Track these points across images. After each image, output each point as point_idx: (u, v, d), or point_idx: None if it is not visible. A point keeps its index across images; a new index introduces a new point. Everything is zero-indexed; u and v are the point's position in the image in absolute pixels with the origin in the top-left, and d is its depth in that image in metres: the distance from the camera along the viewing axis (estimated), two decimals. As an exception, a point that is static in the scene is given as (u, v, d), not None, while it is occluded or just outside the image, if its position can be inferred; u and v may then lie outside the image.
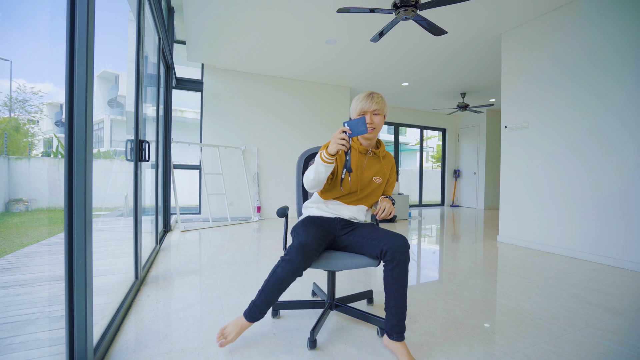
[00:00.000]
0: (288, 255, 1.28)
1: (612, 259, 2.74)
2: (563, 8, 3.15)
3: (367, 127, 1.30)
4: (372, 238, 1.36)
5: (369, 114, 1.45)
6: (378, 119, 1.46)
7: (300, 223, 1.49)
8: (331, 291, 1.62)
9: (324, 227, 1.47)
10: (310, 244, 1.30)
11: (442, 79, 5.59)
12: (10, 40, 1.37)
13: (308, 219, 1.52)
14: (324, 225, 1.49)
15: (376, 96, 1.45)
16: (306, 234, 1.35)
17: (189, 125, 6.05)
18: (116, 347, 1.36)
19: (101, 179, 2.42)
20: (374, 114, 1.45)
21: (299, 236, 1.35)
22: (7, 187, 1.55)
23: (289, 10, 3.35)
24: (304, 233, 1.36)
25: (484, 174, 7.61)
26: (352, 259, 1.39)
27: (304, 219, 1.53)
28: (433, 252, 3.31)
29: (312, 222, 1.47)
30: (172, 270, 2.48)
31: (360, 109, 1.46)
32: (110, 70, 4.38)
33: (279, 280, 1.28)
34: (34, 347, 1.29)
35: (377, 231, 1.39)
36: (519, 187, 3.58)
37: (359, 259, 1.38)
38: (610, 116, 2.79)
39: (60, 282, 1.10)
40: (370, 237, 1.38)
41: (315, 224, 1.46)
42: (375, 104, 1.44)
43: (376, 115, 1.45)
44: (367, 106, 1.44)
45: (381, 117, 1.47)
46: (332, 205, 1.55)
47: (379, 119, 1.46)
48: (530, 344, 1.43)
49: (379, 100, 1.45)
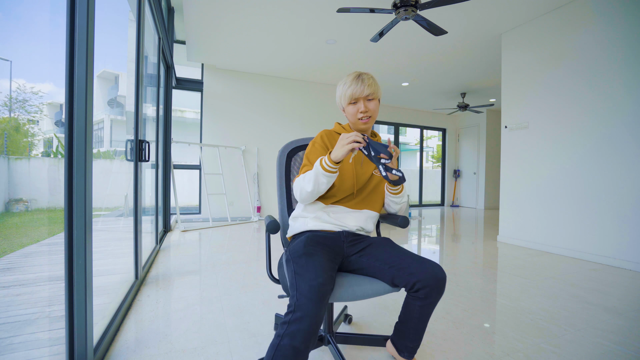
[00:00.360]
0: (298, 311, 0.82)
1: (612, 259, 2.74)
2: (563, 8, 3.15)
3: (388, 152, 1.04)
4: (396, 266, 1.04)
5: (361, 101, 1.20)
6: (373, 105, 1.21)
7: (301, 248, 1.05)
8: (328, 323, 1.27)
9: (330, 247, 1.12)
10: (326, 282, 0.89)
11: (442, 79, 5.59)
12: (10, 40, 1.37)
13: (309, 239, 1.12)
14: (330, 244, 1.14)
15: (366, 77, 1.20)
16: (316, 268, 0.93)
17: (189, 125, 6.05)
18: (116, 347, 1.36)
19: (101, 179, 2.42)
20: (368, 99, 1.21)
21: (306, 273, 0.91)
22: (7, 187, 1.54)
23: (289, 10, 3.35)
24: (312, 267, 0.93)
25: (484, 174, 7.61)
26: (371, 285, 1.06)
27: (304, 241, 1.10)
28: (433, 252, 3.31)
29: (316, 244, 1.09)
30: (172, 270, 2.48)
31: (350, 96, 1.20)
32: (110, 70, 4.38)
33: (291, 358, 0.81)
34: (34, 347, 1.28)
35: (401, 256, 1.07)
36: (519, 187, 3.58)
37: (378, 285, 1.06)
38: (610, 116, 2.79)
39: (60, 282, 1.10)
40: (393, 264, 1.05)
41: (320, 246, 1.09)
42: (367, 87, 1.18)
43: (370, 100, 1.21)
44: (359, 91, 1.18)
45: (376, 102, 1.22)
46: (334, 214, 1.21)
47: (374, 105, 1.22)
48: (531, 344, 1.43)
49: (371, 82, 1.20)
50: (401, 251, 1.11)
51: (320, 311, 0.84)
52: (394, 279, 1.04)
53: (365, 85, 1.19)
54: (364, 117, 1.22)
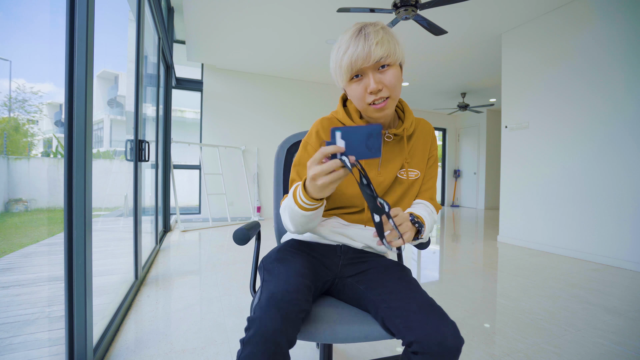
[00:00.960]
0: (251, 328, 0.62)
1: (613, 259, 2.74)
2: (563, 8, 3.14)
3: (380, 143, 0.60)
4: (393, 308, 0.71)
5: (369, 72, 0.75)
6: (391, 76, 0.75)
7: (274, 254, 0.87)
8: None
9: (317, 259, 0.88)
10: (293, 290, 0.68)
11: (442, 79, 5.59)
12: (10, 40, 1.37)
13: (289, 245, 0.92)
14: (317, 255, 0.88)
15: (373, 30, 0.74)
16: (286, 273, 0.74)
17: (188, 125, 6.05)
18: (116, 347, 1.36)
19: (101, 179, 2.42)
20: (380, 67, 0.75)
21: (272, 280, 0.73)
22: (6, 187, 1.54)
23: (289, 10, 3.35)
24: (280, 273, 0.75)
25: (484, 174, 7.61)
26: (361, 326, 0.74)
27: (281, 247, 0.92)
28: (433, 252, 3.31)
29: (297, 251, 0.88)
30: (172, 270, 2.48)
31: (348, 67, 0.75)
32: (110, 70, 4.38)
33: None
34: (34, 347, 1.28)
35: (404, 296, 0.73)
36: (519, 187, 3.58)
37: (371, 327, 0.74)
38: (610, 116, 2.79)
39: (59, 282, 1.10)
40: (391, 304, 0.72)
41: (301, 253, 0.86)
42: (377, 46, 0.72)
43: (384, 69, 0.75)
44: (363, 55, 0.73)
45: (395, 71, 0.76)
46: (334, 227, 0.88)
47: (392, 76, 0.75)
48: (531, 344, 1.43)
49: (382, 38, 0.73)
50: (408, 288, 0.75)
51: (277, 325, 0.61)
52: (385, 322, 0.71)
53: (372, 44, 0.72)
54: (379, 101, 0.76)
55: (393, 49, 0.74)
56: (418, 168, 0.88)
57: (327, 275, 0.86)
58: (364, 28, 0.75)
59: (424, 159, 0.90)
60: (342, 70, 0.77)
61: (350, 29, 0.77)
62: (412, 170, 0.88)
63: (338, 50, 0.77)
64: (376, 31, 0.74)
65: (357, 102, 0.80)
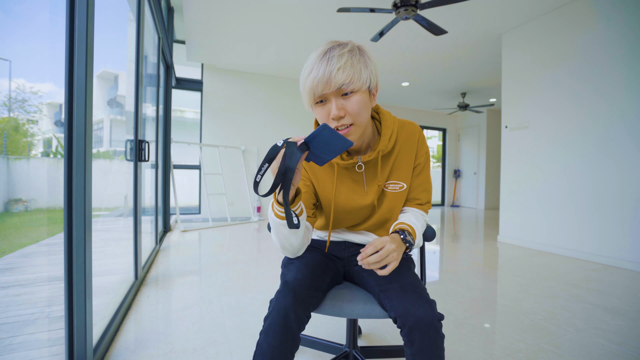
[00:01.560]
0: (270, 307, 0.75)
1: (613, 259, 2.74)
2: (563, 8, 3.14)
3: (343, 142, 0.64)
4: (384, 291, 0.83)
5: (331, 98, 0.73)
6: (354, 103, 0.73)
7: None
8: (351, 337, 1.16)
9: (327, 253, 1.00)
10: (303, 279, 0.81)
11: (442, 79, 5.58)
12: (10, 40, 1.37)
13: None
14: (326, 252, 1.01)
15: (339, 53, 0.71)
16: (298, 266, 0.88)
17: (188, 125, 6.04)
18: (116, 347, 1.36)
19: (101, 179, 2.41)
20: (342, 94, 0.72)
21: (287, 272, 0.88)
22: (6, 187, 1.54)
23: (289, 10, 3.35)
24: (294, 267, 0.88)
25: (484, 174, 7.61)
26: (364, 305, 0.90)
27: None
28: (433, 252, 3.30)
29: (308, 250, 0.98)
30: (172, 270, 2.48)
31: (310, 91, 0.73)
32: (109, 70, 4.37)
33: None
34: (34, 347, 1.28)
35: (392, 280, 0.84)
36: (519, 187, 3.58)
37: (372, 307, 0.89)
38: (611, 116, 2.79)
39: (59, 283, 1.10)
40: (382, 287, 0.84)
41: (311, 250, 0.99)
42: (339, 71, 0.69)
43: (347, 95, 0.73)
44: (324, 80, 0.70)
45: (360, 97, 0.73)
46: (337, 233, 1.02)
47: (356, 102, 0.73)
48: (531, 344, 1.43)
49: (346, 62, 0.70)
50: (399, 274, 0.85)
51: (289, 302, 0.73)
52: (381, 302, 0.84)
53: (333, 69, 0.69)
54: (342, 128, 0.75)
55: (357, 74, 0.72)
56: (403, 180, 0.90)
57: (339, 264, 1.00)
58: (330, 50, 0.73)
59: (409, 169, 0.90)
60: (305, 93, 0.76)
61: (319, 47, 0.77)
62: (395, 184, 0.89)
63: (303, 72, 0.76)
64: (340, 55, 0.71)
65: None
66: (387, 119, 0.87)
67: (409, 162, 0.89)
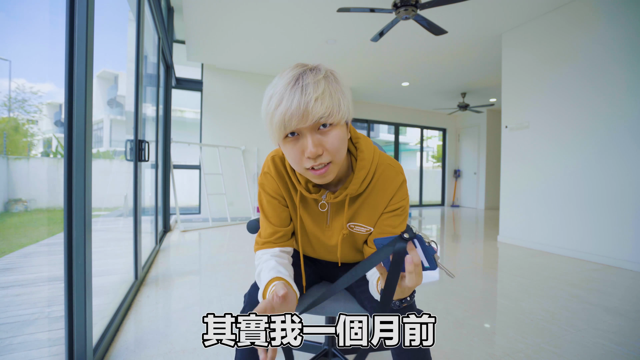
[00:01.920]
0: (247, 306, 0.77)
1: (613, 259, 2.74)
2: (563, 8, 3.14)
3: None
4: (365, 290, 0.82)
5: (306, 134, 0.61)
6: (333, 138, 0.62)
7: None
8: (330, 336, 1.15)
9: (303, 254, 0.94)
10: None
11: (442, 79, 5.58)
12: (10, 40, 1.37)
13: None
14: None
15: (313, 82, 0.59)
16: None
17: (188, 125, 6.04)
18: (116, 347, 1.36)
19: (100, 179, 2.41)
20: (318, 128, 0.62)
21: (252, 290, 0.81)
22: (6, 187, 1.54)
23: (289, 9, 3.35)
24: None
25: (484, 174, 7.61)
26: (346, 304, 0.90)
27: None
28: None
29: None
30: (172, 270, 2.47)
31: (280, 124, 0.60)
32: (109, 70, 4.37)
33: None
34: (34, 347, 1.28)
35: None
36: (519, 187, 3.58)
37: (353, 306, 0.89)
38: (611, 116, 2.79)
39: (59, 283, 1.10)
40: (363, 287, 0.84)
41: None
42: (316, 103, 0.58)
43: (323, 131, 0.62)
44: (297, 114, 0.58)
45: (337, 132, 0.63)
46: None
47: (334, 137, 0.62)
48: (531, 344, 1.43)
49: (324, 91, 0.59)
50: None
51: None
52: (361, 302, 0.83)
53: (310, 99, 0.58)
54: (319, 167, 0.64)
55: (337, 105, 0.60)
56: (368, 224, 0.78)
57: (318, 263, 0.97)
58: (302, 76, 0.60)
59: (376, 215, 0.78)
60: (273, 127, 0.61)
61: (287, 72, 0.62)
62: (360, 226, 0.79)
63: (270, 101, 0.61)
64: (316, 82, 0.59)
65: (294, 164, 0.66)
66: (364, 157, 0.72)
67: (378, 208, 0.77)
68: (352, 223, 0.79)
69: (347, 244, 0.82)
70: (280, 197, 0.80)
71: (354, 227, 0.79)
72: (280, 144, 0.66)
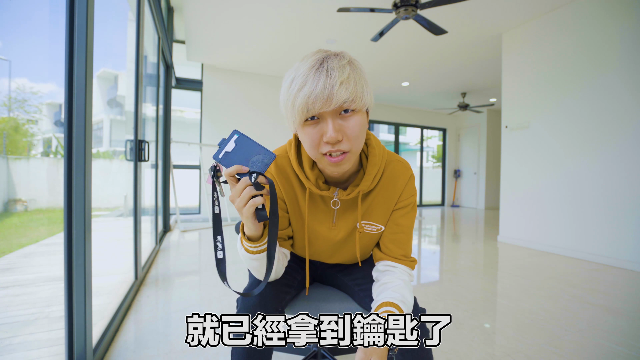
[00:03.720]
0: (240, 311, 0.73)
1: (613, 259, 2.74)
2: (563, 8, 3.14)
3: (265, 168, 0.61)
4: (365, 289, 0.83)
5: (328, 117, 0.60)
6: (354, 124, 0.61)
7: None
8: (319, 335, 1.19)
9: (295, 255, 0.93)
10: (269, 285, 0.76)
11: (442, 79, 5.58)
12: (10, 40, 1.37)
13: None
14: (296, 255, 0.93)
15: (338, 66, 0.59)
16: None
17: (188, 125, 6.04)
18: (116, 347, 1.36)
19: (100, 179, 2.41)
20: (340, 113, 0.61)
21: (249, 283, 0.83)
22: (6, 187, 1.54)
23: (289, 9, 3.35)
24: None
25: (484, 174, 7.61)
26: (342, 304, 0.88)
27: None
28: (433, 252, 3.30)
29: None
30: (172, 270, 2.47)
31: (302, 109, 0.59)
32: (109, 70, 4.37)
33: None
34: (33, 347, 1.28)
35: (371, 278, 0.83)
36: (519, 187, 3.57)
37: (349, 306, 0.88)
38: (611, 116, 2.79)
39: (59, 283, 1.10)
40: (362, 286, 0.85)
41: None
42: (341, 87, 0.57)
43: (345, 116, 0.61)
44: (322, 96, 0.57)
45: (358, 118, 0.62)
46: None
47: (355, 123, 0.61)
48: (531, 344, 1.43)
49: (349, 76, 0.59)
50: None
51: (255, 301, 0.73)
52: (359, 301, 0.85)
53: (335, 83, 0.57)
54: (336, 154, 0.62)
55: (360, 91, 0.60)
56: (379, 222, 0.78)
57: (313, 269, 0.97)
58: (327, 60, 0.60)
59: (387, 212, 0.77)
60: (295, 110, 0.60)
61: (309, 56, 0.62)
62: (372, 225, 0.78)
63: (292, 84, 0.61)
64: (342, 66, 0.59)
65: (310, 149, 0.65)
66: (375, 154, 0.73)
67: (389, 205, 0.77)
68: (363, 222, 0.77)
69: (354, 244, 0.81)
70: (281, 200, 0.78)
71: (364, 226, 0.78)
72: (298, 128, 0.65)
